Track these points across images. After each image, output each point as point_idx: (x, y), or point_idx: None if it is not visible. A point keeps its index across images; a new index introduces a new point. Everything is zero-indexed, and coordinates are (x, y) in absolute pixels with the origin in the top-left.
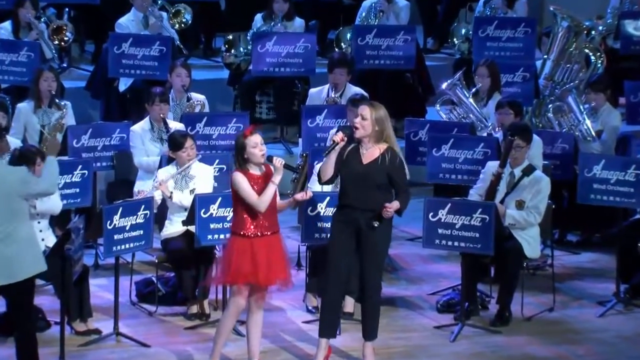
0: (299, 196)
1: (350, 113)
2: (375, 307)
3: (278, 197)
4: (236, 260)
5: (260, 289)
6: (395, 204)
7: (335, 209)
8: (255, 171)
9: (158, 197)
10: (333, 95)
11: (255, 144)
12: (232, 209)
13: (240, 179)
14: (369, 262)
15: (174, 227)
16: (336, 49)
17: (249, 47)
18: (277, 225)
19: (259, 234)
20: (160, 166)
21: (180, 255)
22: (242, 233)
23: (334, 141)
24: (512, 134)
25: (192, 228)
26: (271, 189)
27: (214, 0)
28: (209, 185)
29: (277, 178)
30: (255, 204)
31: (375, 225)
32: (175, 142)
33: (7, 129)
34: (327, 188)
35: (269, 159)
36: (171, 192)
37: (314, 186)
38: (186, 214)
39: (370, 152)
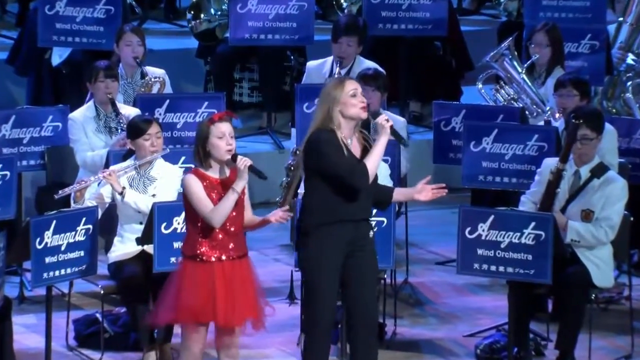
0: (275, 217)
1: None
2: (375, 347)
3: (249, 210)
4: (187, 291)
5: (227, 332)
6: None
7: (317, 224)
8: (214, 173)
9: (106, 195)
10: (338, 71)
11: (222, 133)
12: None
13: (192, 182)
14: (369, 284)
15: (125, 246)
16: (339, 11)
17: (224, 7)
18: (244, 246)
19: (218, 257)
20: (108, 165)
21: (134, 284)
22: (195, 256)
23: (392, 126)
24: (577, 119)
25: (149, 248)
26: (230, 199)
27: None
28: (173, 191)
29: (239, 184)
30: (207, 217)
31: (372, 234)
32: (135, 127)
33: None
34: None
35: (233, 158)
36: (123, 188)
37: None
38: (141, 227)
39: (354, 142)
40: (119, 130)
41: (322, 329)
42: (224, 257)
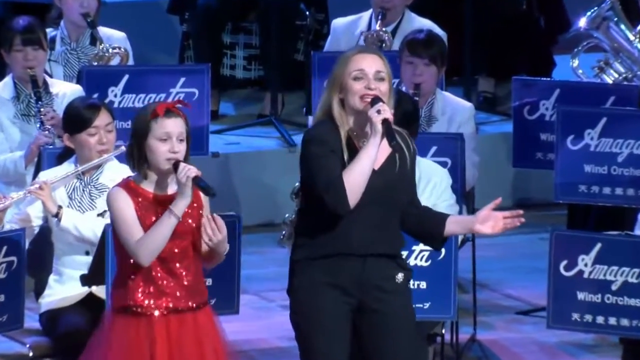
0: (209, 230)
1: (407, 68)
2: None
3: (213, 237)
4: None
5: None
6: None
7: (303, 259)
8: (151, 187)
9: (35, 215)
10: (379, 29)
11: (167, 135)
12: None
13: (118, 198)
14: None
15: (64, 287)
16: None
17: None
18: (202, 291)
19: (160, 308)
20: (38, 169)
21: (77, 341)
22: (126, 307)
23: (385, 122)
24: None
25: (100, 290)
26: (165, 224)
27: None
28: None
29: (179, 204)
30: (131, 250)
31: (400, 279)
32: (75, 116)
33: None
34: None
35: (175, 166)
36: (59, 208)
37: None
38: (88, 259)
39: (384, 146)
40: (39, 124)
41: None
42: (167, 308)
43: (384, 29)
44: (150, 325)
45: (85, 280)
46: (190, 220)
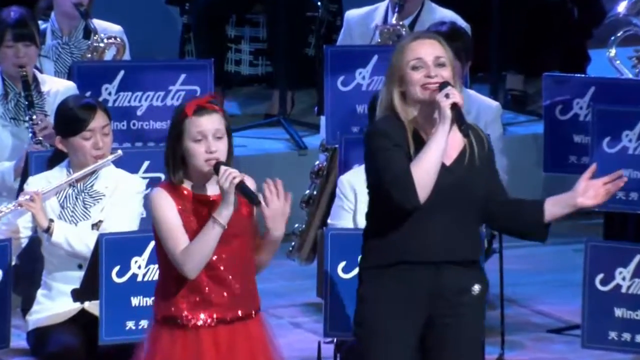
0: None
1: None
2: None
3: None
4: None
5: None
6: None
7: (370, 267)
8: (189, 187)
9: (24, 225)
10: (395, 23)
11: (201, 133)
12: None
13: (161, 202)
14: None
15: (54, 303)
16: None
17: None
18: (253, 300)
19: (207, 320)
20: (25, 174)
21: None
22: (171, 318)
23: (454, 106)
24: None
25: (92, 306)
26: (210, 234)
27: None
28: (130, 215)
29: (223, 213)
30: (176, 261)
31: (477, 291)
32: (69, 118)
33: None
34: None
35: (216, 168)
36: (50, 222)
37: (344, 218)
38: (81, 273)
39: (452, 137)
40: (30, 135)
41: None
42: (215, 320)
43: (401, 22)
44: (198, 338)
45: (77, 295)
46: (238, 222)
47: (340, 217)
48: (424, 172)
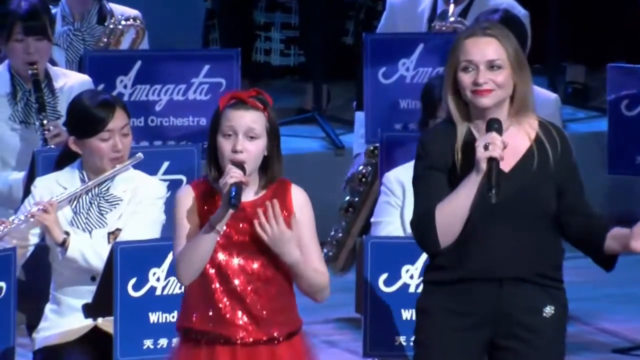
0: None
1: None
2: None
3: (309, 257)
4: None
5: None
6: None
7: (430, 282)
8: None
9: (33, 234)
10: (453, 20)
11: (230, 128)
12: None
13: (180, 199)
14: None
15: (64, 319)
16: None
17: None
18: (286, 321)
19: (221, 338)
20: (32, 175)
21: None
22: (187, 330)
23: (490, 161)
24: None
25: (106, 323)
26: (205, 239)
27: None
28: (150, 222)
29: (218, 216)
30: (174, 262)
31: (549, 313)
32: (85, 117)
33: None
34: None
35: (241, 165)
36: (66, 234)
37: (390, 214)
38: (93, 288)
39: (513, 138)
40: (41, 142)
41: None
42: (230, 340)
43: (458, 18)
44: (210, 356)
45: (89, 310)
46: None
47: (387, 213)
48: (449, 216)
